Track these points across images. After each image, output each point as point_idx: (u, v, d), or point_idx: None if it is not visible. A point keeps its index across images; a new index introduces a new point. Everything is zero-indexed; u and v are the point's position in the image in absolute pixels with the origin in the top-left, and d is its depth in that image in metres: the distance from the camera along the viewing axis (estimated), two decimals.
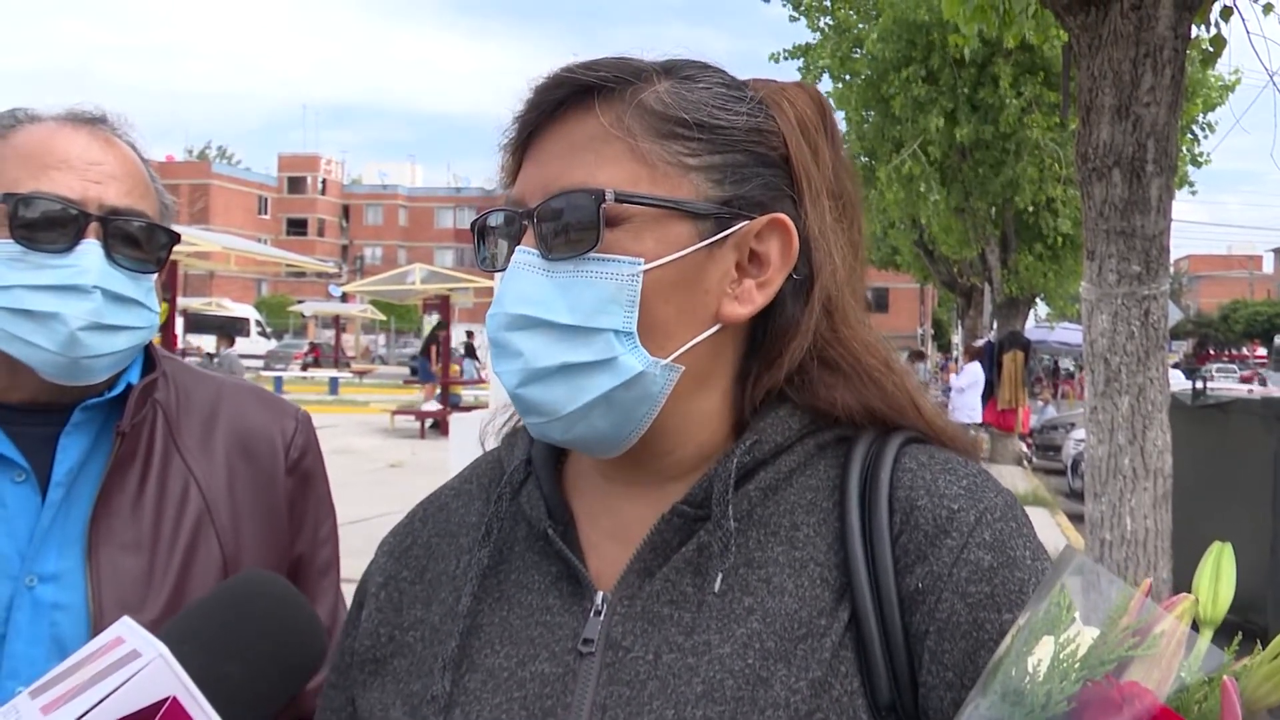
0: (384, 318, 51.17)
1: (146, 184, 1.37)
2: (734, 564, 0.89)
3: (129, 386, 1.36)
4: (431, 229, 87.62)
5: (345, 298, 46.18)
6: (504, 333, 0.89)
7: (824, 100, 0.98)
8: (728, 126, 0.91)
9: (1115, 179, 4.02)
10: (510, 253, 0.91)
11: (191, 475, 1.38)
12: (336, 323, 48.41)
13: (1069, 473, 16.04)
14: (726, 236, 0.90)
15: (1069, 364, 36.95)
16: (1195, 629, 0.68)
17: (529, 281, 0.89)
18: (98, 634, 0.94)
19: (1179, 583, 3.89)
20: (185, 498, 1.36)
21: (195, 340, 33.19)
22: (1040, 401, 23.49)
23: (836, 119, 1.00)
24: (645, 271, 0.87)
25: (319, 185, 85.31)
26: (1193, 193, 18.80)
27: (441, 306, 21.71)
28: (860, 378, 0.94)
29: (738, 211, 0.91)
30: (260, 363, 37.70)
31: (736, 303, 0.91)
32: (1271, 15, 5.21)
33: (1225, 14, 4.73)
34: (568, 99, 0.91)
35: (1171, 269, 4.61)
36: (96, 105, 1.38)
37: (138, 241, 1.32)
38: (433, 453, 13.65)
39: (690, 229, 0.89)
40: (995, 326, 19.61)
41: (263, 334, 47.09)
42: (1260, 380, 37.36)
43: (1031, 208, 15.99)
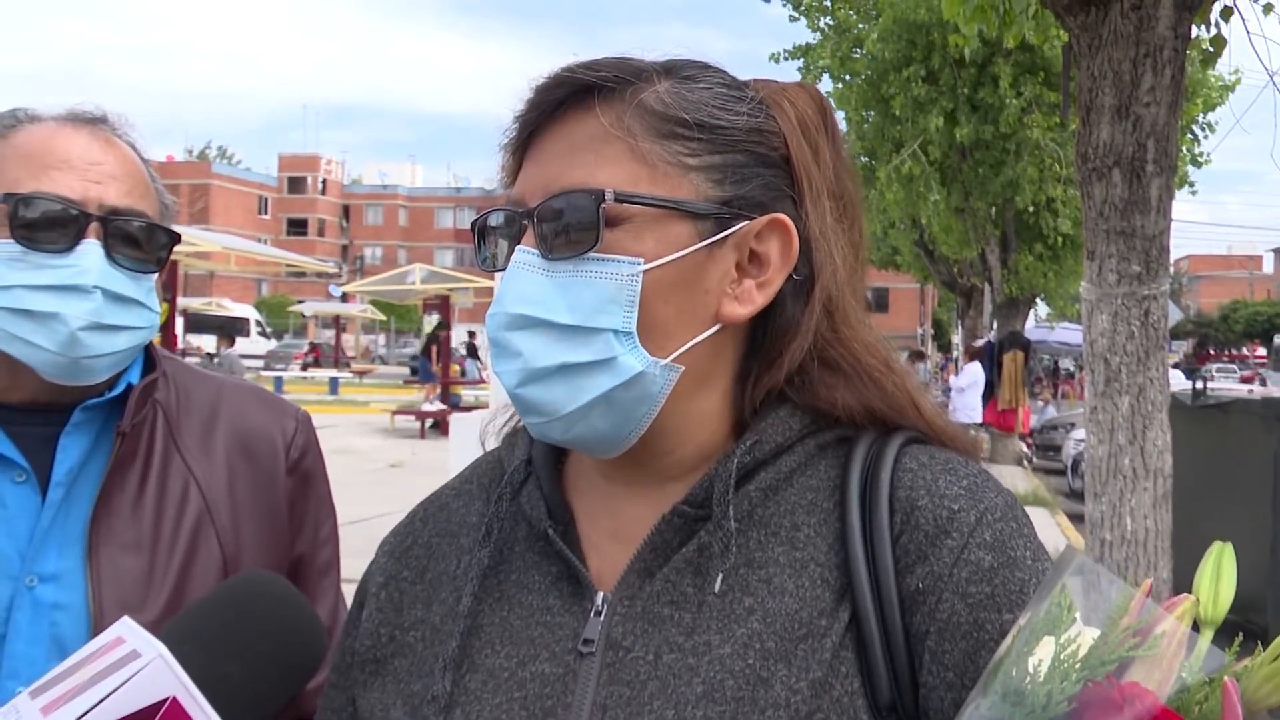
0: (384, 318, 51.17)
1: (147, 184, 1.37)
2: (734, 564, 0.89)
3: (129, 386, 1.36)
4: (431, 229, 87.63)
5: (345, 298, 46.18)
6: (504, 332, 0.89)
7: (825, 100, 0.98)
8: (728, 126, 0.91)
9: (1115, 179, 4.02)
10: (510, 252, 0.91)
11: (192, 475, 1.38)
12: (336, 323, 48.41)
13: (1069, 473, 16.03)
14: (726, 237, 0.90)
15: (1069, 364, 36.95)
16: (1196, 629, 0.68)
17: (529, 281, 0.88)
18: (98, 634, 0.94)
19: (1179, 583, 3.89)
20: (185, 498, 1.36)
21: (195, 340, 33.20)
22: (1040, 401, 23.49)
23: (837, 119, 1.00)
24: (645, 271, 0.87)
25: (319, 185, 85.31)
26: (1193, 193, 18.81)
27: (441, 306, 21.73)
28: (861, 378, 0.94)
29: (738, 212, 0.90)
30: (260, 363, 37.69)
31: (736, 303, 0.91)
32: (1271, 15, 5.21)
33: (1225, 14, 4.73)
34: (568, 99, 0.91)
35: (1171, 269, 4.61)
36: (97, 105, 1.38)
37: (138, 241, 1.32)
38: (433, 453, 13.65)
39: (690, 229, 0.89)
40: (995, 326, 19.61)
41: (263, 334, 47.09)
42: (1260, 380, 37.35)
43: (1031, 208, 15.98)
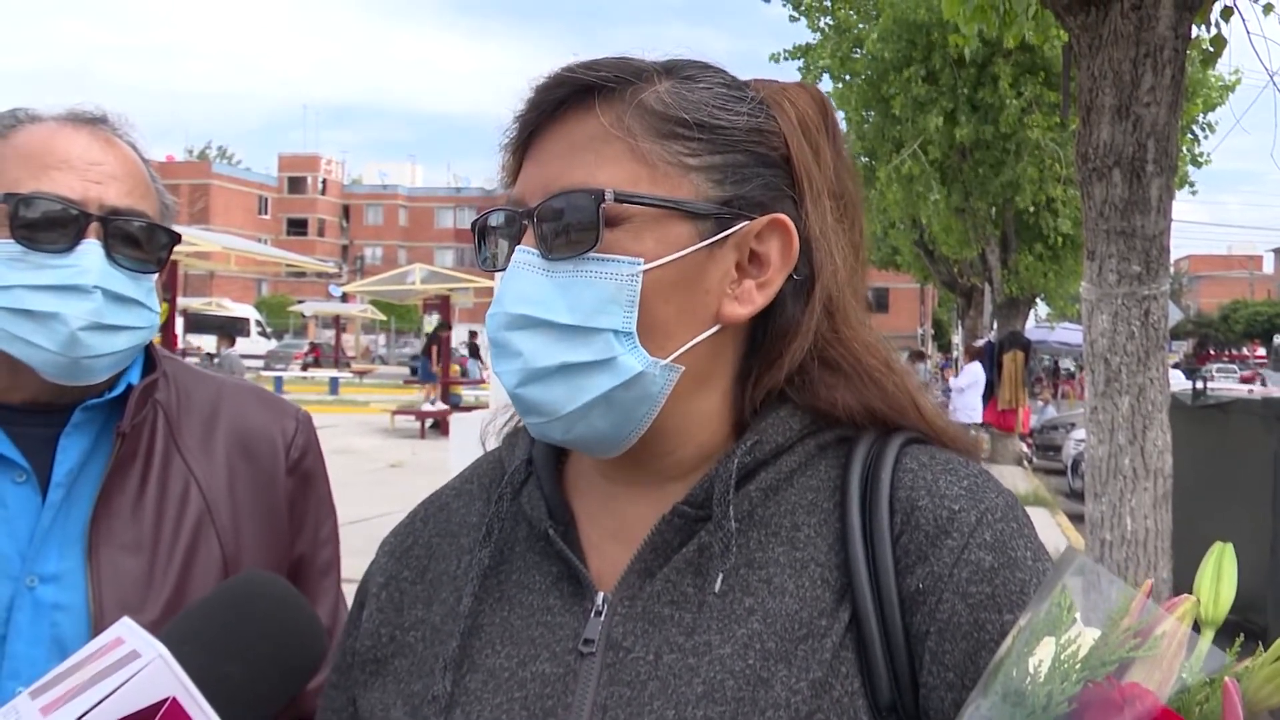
0: (384, 318, 51.18)
1: (147, 184, 1.37)
2: (735, 564, 0.89)
3: (129, 387, 1.36)
4: (431, 229, 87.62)
5: (345, 298, 46.17)
6: (504, 332, 0.89)
7: (825, 100, 0.98)
8: (728, 127, 0.91)
9: (1115, 179, 4.02)
10: (510, 252, 0.91)
11: (192, 475, 1.38)
12: (337, 323, 48.40)
13: (1069, 473, 16.03)
14: (727, 237, 0.90)
15: (1069, 364, 36.96)
16: (1196, 630, 0.68)
17: (529, 281, 0.88)
18: (98, 634, 0.94)
19: (1179, 583, 3.89)
20: (186, 498, 1.36)
21: (195, 340, 33.21)
22: (1040, 401, 23.49)
23: (838, 119, 1.00)
24: (645, 271, 0.87)
25: (319, 185, 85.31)
26: (1193, 193, 18.81)
27: (442, 306, 21.73)
28: (861, 378, 0.94)
29: (738, 212, 0.90)
30: (260, 363, 37.69)
31: (736, 303, 0.91)
32: (1271, 15, 5.21)
33: (1225, 14, 4.72)
34: (568, 99, 0.91)
35: (1171, 269, 4.61)
36: (97, 105, 1.38)
37: (138, 241, 1.32)
38: (433, 453, 13.65)
39: (690, 229, 0.89)
40: (995, 326, 19.61)
41: (263, 334, 47.10)
42: (1261, 380, 37.34)
43: (1032, 208, 15.98)
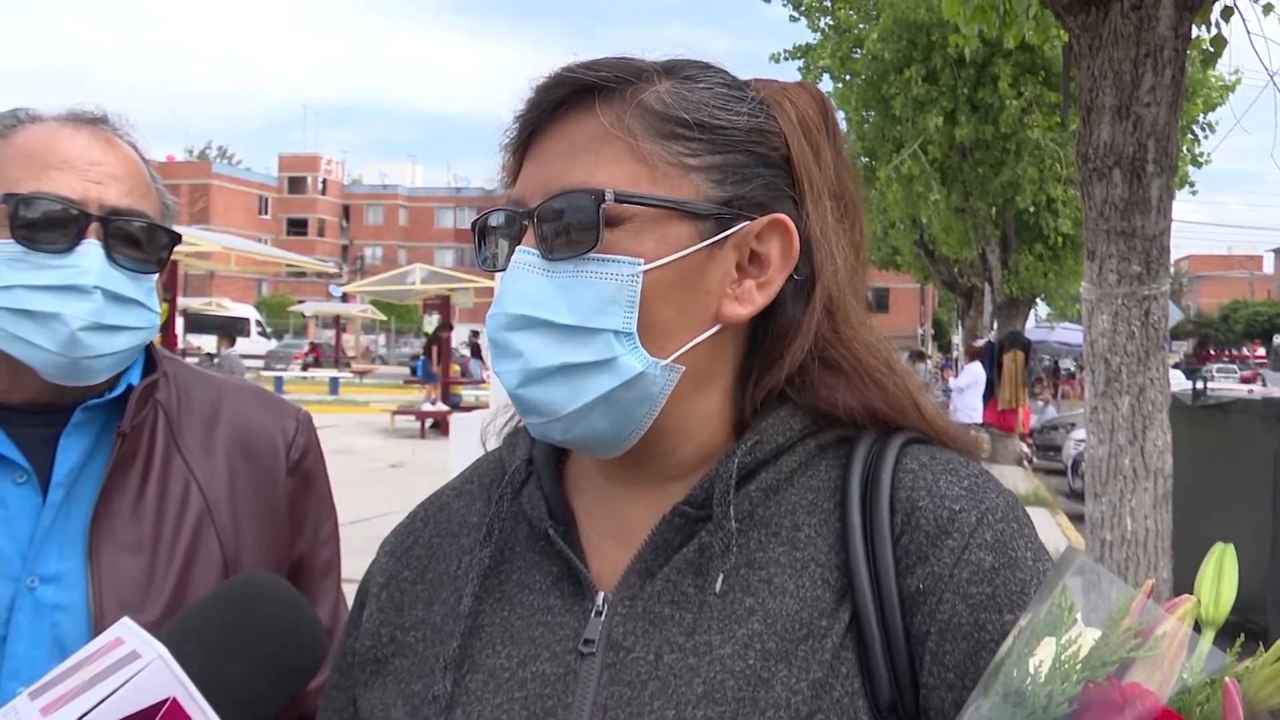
0: (384, 318, 51.18)
1: (147, 184, 1.37)
2: (735, 564, 0.89)
3: (130, 387, 1.36)
4: (432, 229, 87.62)
5: (345, 298, 46.15)
6: (504, 333, 0.89)
7: (826, 100, 0.98)
8: (728, 127, 0.91)
9: (1115, 179, 4.02)
10: (511, 252, 0.91)
11: (192, 476, 1.38)
12: (337, 323, 48.40)
13: (1069, 473, 16.03)
14: (727, 237, 0.90)
15: (1069, 364, 36.96)
16: (1197, 630, 0.68)
17: (529, 281, 0.88)
18: (99, 635, 0.94)
19: (1179, 583, 3.89)
20: (186, 498, 1.36)
21: (195, 340, 33.20)
22: (1040, 402, 23.49)
23: (838, 119, 0.99)
24: (645, 272, 0.87)
25: (319, 185, 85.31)
26: (1193, 193, 18.81)
27: (442, 306, 21.72)
28: (861, 378, 0.94)
29: (738, 212, 0.90)
30: (260, 363, 37.70)
31: (737, 303, 0.91)
32: (1271, 15, 5.21)
33: (1226, 14, 4.72)
34: (568, 98, 0.91)
35: (1172, 269, 4.60)
36: (97, 105, 1.38)
37: (138, 242, 1.32)
38: (433, 453, 13.65)
39: (690, 229, 0.89)
40: (995, 327, 19.61)
41: (263, 334, 47.11)
42: (1261, 381, 37.34)
43: (1032, 208, 15.98)
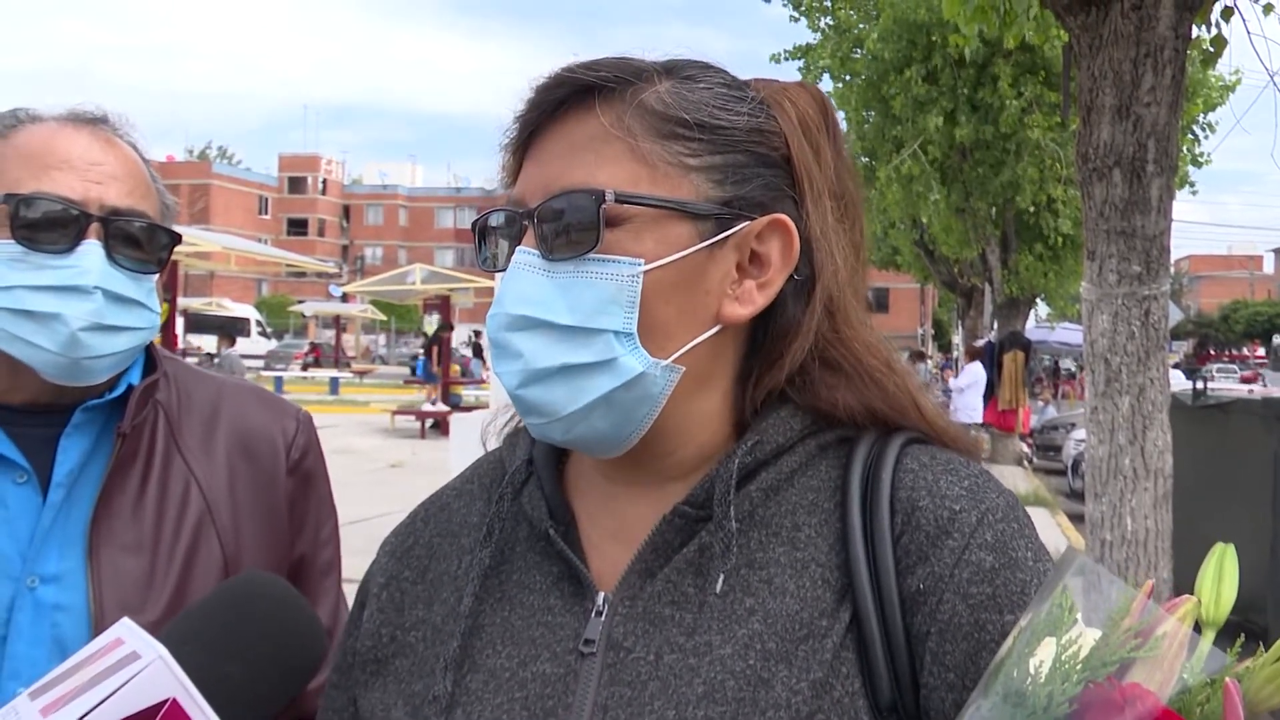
0: (384, 318, 51.18)
1: (148, 184, 1.37)
2: (735, 565, 0.89)
3: (130, 387, 1.36)
4: (432, 229, 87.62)
5: (345, 298, 46.14)
6: (504, 333, 0.89)
7: (826, 100, 0.98)
8: (729, 127, 0.91)
9: (1116, 179, 4.02)
10: (511, 253, 0.91)
11: (192, 476, 1.38)
12: (337, 323, 48.40)
13: (1069, 473, 16.03)
14: (727, 237, 0.90)
15: (1069, 364, 36.95)
16: (1197, 630, 0.68)
17: (529, 282, 0.88)
18: (99, 635, 0.94)
19: (1179, 583, 3.89)
20: (186, 498, 1.36)
21: (196, 340, 33.20)
22: (1041, 402, 23.48)
23: (838, 119, 0.99)
24: (645, 272, 0.87)
25: (319, 185, 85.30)
26: (1193, 193, 18.80)
27: (442, 307, 21.72)
28: (862, 378, 0.94)
29: (738, 212, 0.90)
30: (261, 363, 37.69)
31: (737, 303, 0.91)
32: (1271, 15, 5.21)
33: (1226, 14, 4.72)
34: (568, 99, 0.91)
35: (1172, 269, 4.60)
36: (98, 105, 1.38)
37: (139, 242, 1.32)
38: (433, 453, 13.65)
39: (691, 230, 0.89)
40: (996, 327, 19.61)
41: (263, 334, 47.11)
42: (1261, 381, 37.33)
43: (1032, 208, 15.98)
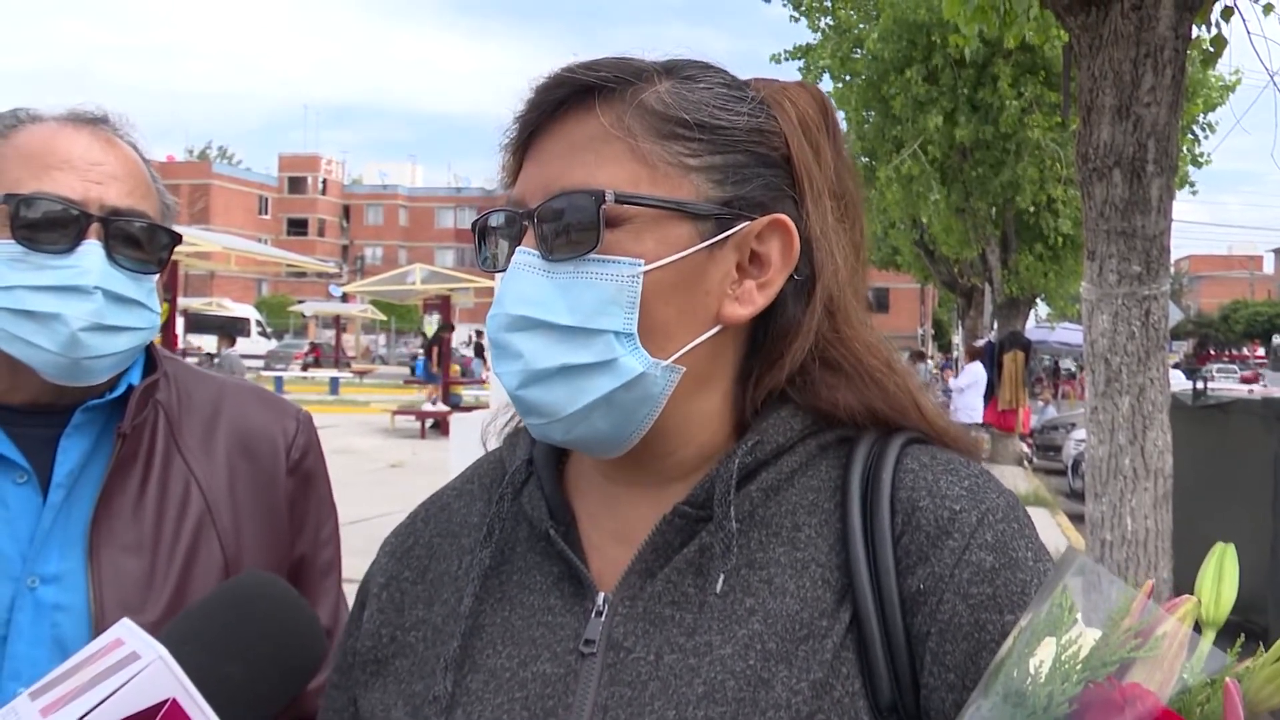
0: (384, 318, 51.18)
1: (148, 184, 1.37)
2: (735, 565, 0.89)
3: (130, 387, 1.36)
4: (432, 229, 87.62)
5: (346, 298, 46.14)
6: (504, 334, 0.89)
7: (826, 100, 0.98)
8: (729, 127, 0.91)
9: (1116, 179, 4.02)
10: (511, 253, 0.91)
11: (193, 476, 1.38)
12: (337, 323, 48.38)
13: (1069, 473, 16.03)
14: (727, 237, 0.90)
15: (1069, 364, 36.96)
16: (1197, 630, 0.68)
17: (529, 282, 0.88)
18: (99, 635, 0.94)
19: (1179, 583, 3.89)
20: (186, 499, 1.36)
21: (196, 340, 33.21)
22: (1041, 402, 23.48)
23: (838, 119, 0.99)
24: (645, 272, 0.87)
25: (319, 185, 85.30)
26: (1193, 193, 18.79)
27: (442, 307, 21.71)
28: (862, 378, 0.94)
29: (739, 212, 0.90)
30: (261, 363, 37.69)
31: (737, 304, 0.91)
32: (1272, 15, 5.21)
33: (1226, 14, 4.72)
34: (568, 99, 0.91)
35: (1172, 269, 4.60)
36: (98, 105, 1.38)
37: (139, 242, 1.32)
38: (433, 453, 13.65)
39: (691, 230, 0.89)
40: (996, 327, 19.61)
41: (263, 334, 47.11)
42: (1261, 381, 37.32)
43: (1032, 208, 15.98)
